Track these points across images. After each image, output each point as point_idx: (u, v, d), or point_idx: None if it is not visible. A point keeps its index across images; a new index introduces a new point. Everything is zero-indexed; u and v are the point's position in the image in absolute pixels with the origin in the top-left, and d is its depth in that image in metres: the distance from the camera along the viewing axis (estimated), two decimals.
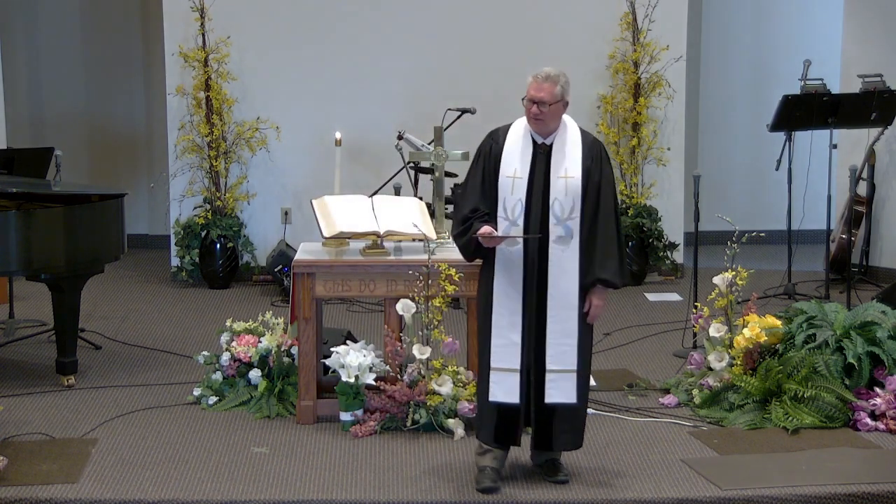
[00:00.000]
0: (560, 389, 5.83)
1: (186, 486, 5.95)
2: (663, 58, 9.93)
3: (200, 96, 9.92)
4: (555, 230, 5.77)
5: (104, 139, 11.42)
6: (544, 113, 5.77)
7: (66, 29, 11.29)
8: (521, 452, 6.34)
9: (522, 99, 5.85)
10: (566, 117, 5.92)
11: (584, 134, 5.90)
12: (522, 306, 5.81)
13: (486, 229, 5.75)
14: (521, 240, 5.78)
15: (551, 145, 5.84)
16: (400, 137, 8.90)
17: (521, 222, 5.78)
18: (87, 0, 11.32)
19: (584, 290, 5.82)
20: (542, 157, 5.82)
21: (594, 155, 5.83)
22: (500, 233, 5.77)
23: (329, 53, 10.08)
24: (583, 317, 5.83)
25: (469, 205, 5.87)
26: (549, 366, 5.81)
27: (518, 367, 5.83)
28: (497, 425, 5.92)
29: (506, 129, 5.93)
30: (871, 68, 9.59)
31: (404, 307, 6.71)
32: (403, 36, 10.06)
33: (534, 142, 5.85)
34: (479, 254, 5.89)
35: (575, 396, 5.84)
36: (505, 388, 5.85)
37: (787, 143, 9.52)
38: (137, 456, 6.33)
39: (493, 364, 5.85)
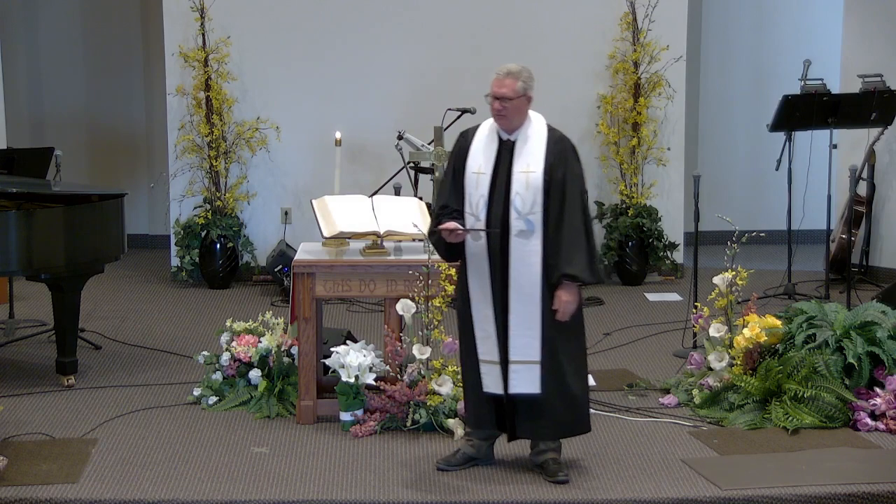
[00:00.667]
0: (522, 380, 5.89)
1: (186, 486, 5.95)
2: (663, 58, 9.93)
3: (200, 96, 9.91)
4: (516, 224, 5.82)
5: (104, 139, 11.42)
6: (506, 108, 5.84)
7: (66, 29, 11.29)
8: (522, 452, 6.35)
9: (486, 96, 5.89)
10: (534, 114, 5.98)
11: (550, 130, 5.94)
12: (492, 300, 5.89)
13: (448, 224, 5.84)
14: (483, 234, 5.84)
15: (515, 141, 5.88)
16: (400, 137, 8.90)
17: (483, 217, 5.85)
18: (87, 0, 11.32)
19: (553, 286, 5.84)
20: (506, 153, 5.88)
21: (558, 151, 5.87)
22: (465, 228, 5.85)
23: (329, 53, 10.07)
24: (548, 310, 5.85)
25: (440, 203, 5.99)
26: (511, 356, 5.88)
27: (497, 359, 5.92)
28: (497, 412, 6.00)
29: (476, 127, 6.02)
30: (871, 68, 9.59)
31: (404, 307, 6.72)
32: (403, 36, 10.06)
33: (499, 138, 5.91)
34: (453, 251, 5.97)
35: (538, 387, 5.88)
36: (493, 380, 5.95)
37: (787, 143, 9.52)
38: (137, 456, 6.33)
39: (481, 356, 5.94)
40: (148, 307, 9.40)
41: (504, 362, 5.92)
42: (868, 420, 6.65)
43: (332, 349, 6.86)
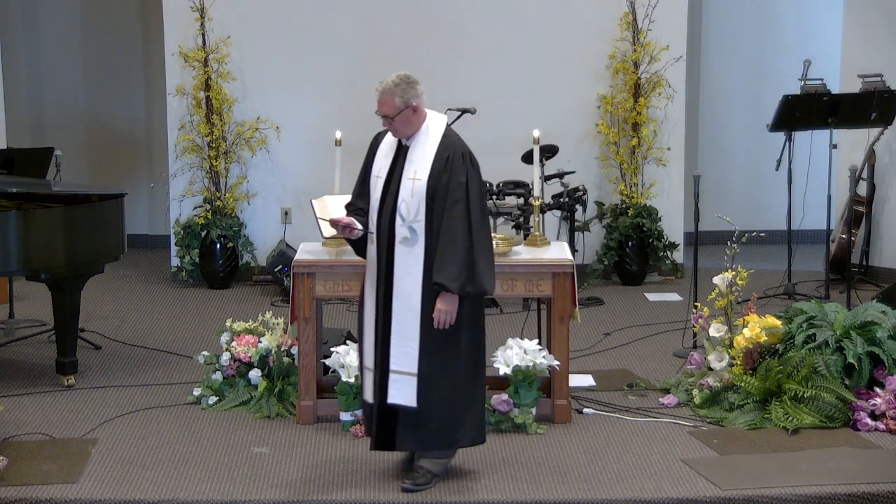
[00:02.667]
0: (400, 391, 5.81)
1: (186, 486, 5.95)
2: (663, 58, 9.93)
3: (200, 96, 9.92)
4: (400, 231, 5.78)
5: (104, 139, 11.42)
6: (392, 124, 5.80)
7: (66, 29, 11.30)
8: (522, 453, 6.35)
9: (376, 111, 5.86)
10: (435, 117, 5.89)
11: (445, 136, 5.83)
12: (375, 307, 5.87)
13: (341, 219, 5.86)
14: (373, 237, 5.85)
15: (409, 147, 5.87)
16: None
17: (374, 221, 5.87)
18: (87, 0, 11.32)
19: (433, 295, 5.76)
20: (401, 159, 5.86)
21: (445, 158, 5.75)
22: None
23: (329, 53, 10.08)
24: (429, 321, 5.76)
25: (350, 200, 6.03)
26: (391, 366, 5.82)
27: (373, 366, 5.90)
28: (372, 426, 5.99)
29: (386, 130, 5.99)
30: (871, 68, 9.59)
31: None
32: (403, 35, 10.06)
33: (399, 143, 5.90)
34: (360, 248, 5.99)
35: (415, 400, 5.79)
36: (368, 387, 5.94)
37: (787, 143, 9.52)
38: (137, 456, 6.33)
39: (364, 363, 5.97)
40: (148, 307, 9.40)
41: (384, 371, 5.83)
42: (868, 420, 6.65)
43: (332, 349, 6.86)
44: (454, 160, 5.75)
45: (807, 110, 9.20)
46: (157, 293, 9.87)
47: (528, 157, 9.06)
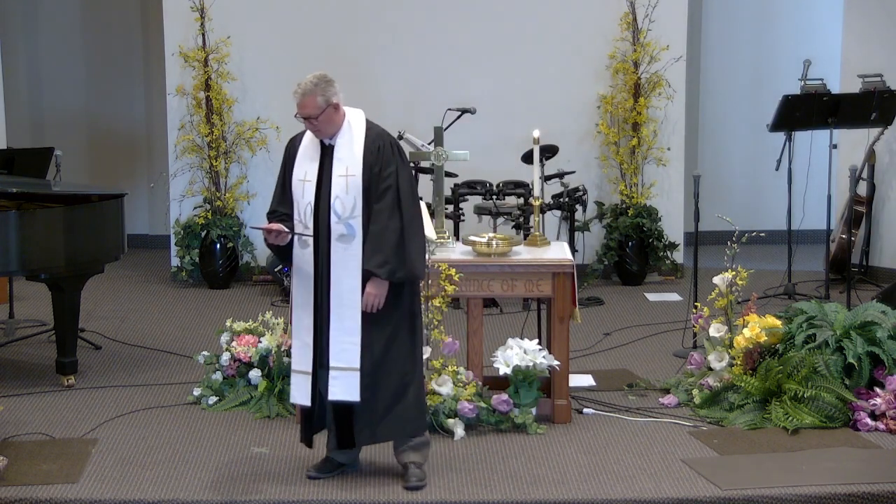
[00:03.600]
0: (341, 387, 5.83)
1: (186, 486, 5.95)
2: (663, 58, 9.93)
3: (200, 96, 9.92)
4: (336, 228, 5.79)
5: (104, 139, 11.43)
6: (316, 124, 5.81)
7: (66, 29, 11.30)
8: (522, 453, 6.35)
9: (295, 115, 5.85)
10: (353, 112, 5.92)
11: (369, 129, 5.88)
12: (313, 307, 5.86)
13: (272, 225, 5.82)
14: (310, 241, 5.82)
15: (334, 145, 5.87)
16: (400, 137, 8.89)
17: (311, 224, 5.83)
18: (87, 0, 11.32)
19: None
20: (328, 158, 5.87)
21: (375, 149, 5.80)
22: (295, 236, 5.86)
23: (329, 53, 10.07)
24: (369, 316, 5.79)
25: (270, 208, 5.99)
26: (331, 363, 5.83)
27: (309, 369, 5.88)
28: (303, 426, 6.02)
29: (302, 133, 5.98)
30: (871, 68, 9.59)
31: None
32: (403, 36, 10.07)
33: (322, 143, 5.90)
34: (285, 255, 5.95)
35: (357, 394, 5.82)
36: (301, 391, 5.91)
37: (787, 143, 9.52)
38: (137, 456, 6.33)
39: (293, 366, 5.94)
40: (148, 307, 9.40)
41: (325, 369, 5.84)
42: (868, 420, 6.65)
43: None
44: (384, 150, 5.81)
45: (807, 110, 9.20)
46: (157, 293, 9.87)
47: (528, 157, 9.06)
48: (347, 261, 5.78)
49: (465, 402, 6.62)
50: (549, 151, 9.31)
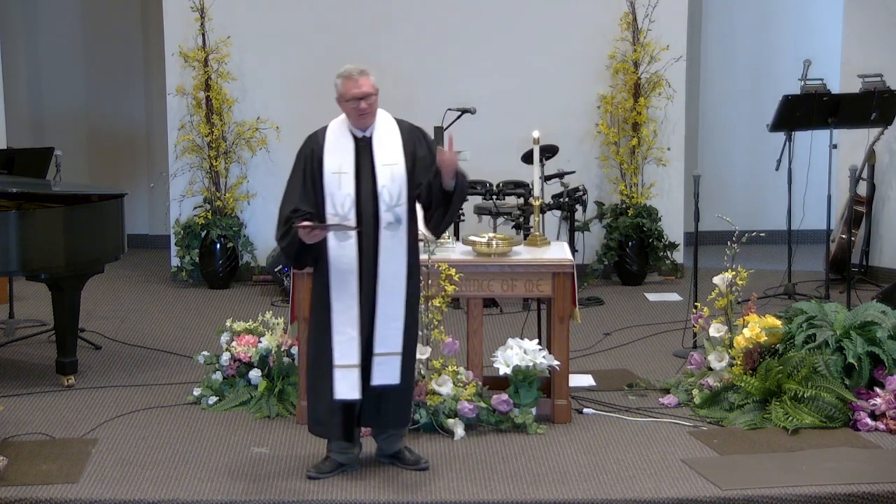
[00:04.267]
0: (384, 371, 5.93)
1: (186, 486, 5.95)
2: (663, 58, 9.93)
3: (200, 96, 9.92)
4: (385, 217, 5.89)
5: (104, 139, 11.43)
6: (372, 105, 5.92)
7: (66, 29, 11.30)
8: (522, 453, 6.35)
9: (346, 100, 5.91)
10: (380, 110, 6.06)
11: (400, 123, 6.04)
12: (358, 298, 5.90)
13: (308, 223, 5.83)
14: (352, 232, 5.86)
15: (371, 137, 5.95)
16: None
17: (352, 215, 5.88)
18: (87, 0, 11.32)
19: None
20: (365, 150, 5.94)
21: (414, 137, 5.99)
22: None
23: (329, 53, 10.06)
24: (408, 300, 5.94)
25: (288, 207, 5.95)
26: (375, 349, 5.91)
27: (357, 361, 5.92)
28: (344, 421, 6.02)
29: (323, 130, 6.04)
30: (871, 68, 9.59)
31: None
32: (403, 35, 10.06)
33: (354, 137, 5.96)
34: (306, 256, 5.94)
35: (398, 377, 5.94)
36: (348, 385, 5.93)
37: (787, 143, 9.52)
38: (137, 456, 6.33)
39: (336, 361, 5.92)
40: (148, 307, 9.40)
41: (367, 358, 5.92)
42: (868, 420, 6.65)
43: None
44: (422, 133, 6.03)
45: (807, 110, 9.20)
46: (157, 293, 9.87)
47: (528, 157, 9.06)
48: (394, 247, 5.89)
49: (465, 402, 6.62)
50: (549, 151, 9.31)
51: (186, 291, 9.90)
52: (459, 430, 6.59)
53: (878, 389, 6.76)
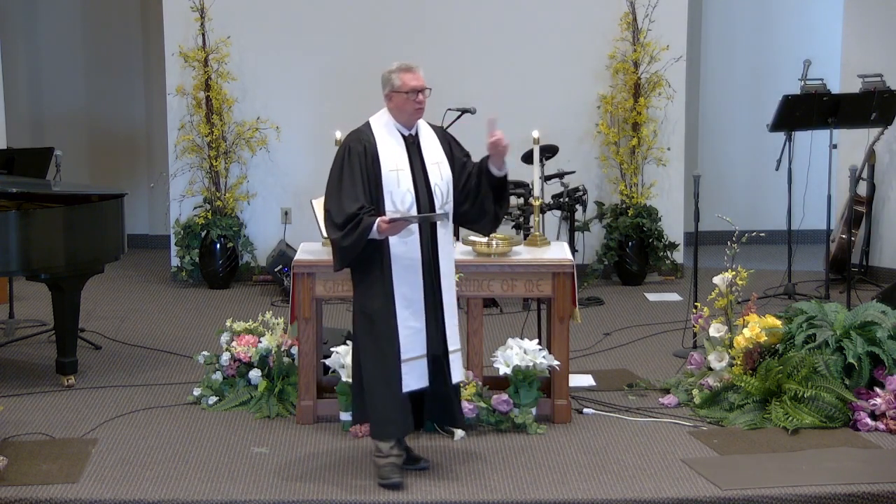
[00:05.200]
0: (457, 369, 6.05)
1: (186, 486, 5.95)
2: (663, 58, 9.93)
3: (200, 96, 9.92)
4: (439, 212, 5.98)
5: (104, 139, 11.43)
6: (425, 101, 6.00)
7: (66, 29, 11.30)
8: (522, 453, 6.35)
9: (405, 92, 5.94)
10: None
11: (429, 125, 6.15)
12: (423, 293, 5.94)
13: (389, 217, 5.84)
14: (415, 227, 5.90)
15: (417, 135, 6.03)
16: None
17: (414, 211, 5.92)
18: (87, 0, 11.32)
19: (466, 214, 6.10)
20: (413, 148, 6.00)
21: (448, 140, 6.13)
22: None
23: (329, 53, 10.08)
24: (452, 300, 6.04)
25: (353, 206, 5.84)
26: (450, 346, 6.00)
27: (424, 352, 5.96)
28: (413, 412, 6.03)
29: (367, 128, 6.03)
30: (871, 68, 9.59)
31: None
32: (403, 35, 10.06)
33: (402, 135, 6.01)
34: (361, 253, 5.88)
35: (462, 374, 6.13)
36: (416, 376, 5.95)
37: (787, 143, 9.52)
38: (137, 456, 6.33)
39: (403, 356, 5.91)
40: (148, 307, 9.40)
41: (444, 354, 5.98)
42: (868, 420, 6.65)
43: (332, 349, 6.86)
44: (448, 134, 6.18)
45: (807, 110, 9.20)
46: (157, 293, 9.87)
47: (528, 157, 9.06)
48: (447, 244, 6.03)
49: (465, 402, 6.62)
50: (549, 151, 9.31)
51: (186, 291, 9.90)
52: (459, 431, 6.58)
53: (878, 389, 6.76)
